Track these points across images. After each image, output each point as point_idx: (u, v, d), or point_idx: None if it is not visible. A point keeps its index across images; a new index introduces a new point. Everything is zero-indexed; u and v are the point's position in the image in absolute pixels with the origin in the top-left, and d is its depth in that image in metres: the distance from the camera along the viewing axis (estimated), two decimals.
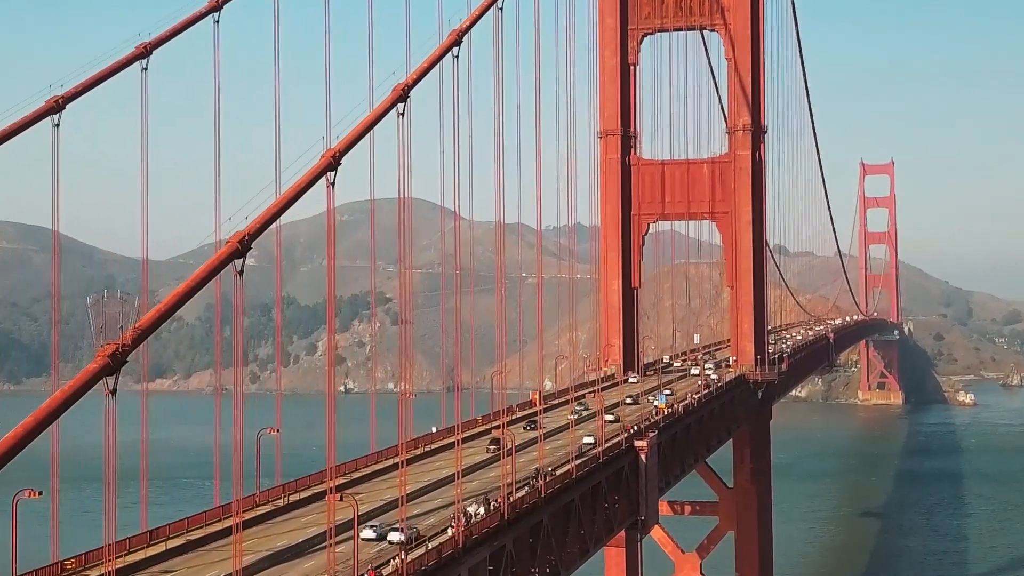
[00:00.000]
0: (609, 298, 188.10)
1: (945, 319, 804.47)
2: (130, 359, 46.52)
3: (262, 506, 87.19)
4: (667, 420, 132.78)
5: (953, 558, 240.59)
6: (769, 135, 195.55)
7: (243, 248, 50.95)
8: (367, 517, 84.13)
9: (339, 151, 58.82)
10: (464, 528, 72.67)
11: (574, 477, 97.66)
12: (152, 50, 71.82)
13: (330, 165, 57.98)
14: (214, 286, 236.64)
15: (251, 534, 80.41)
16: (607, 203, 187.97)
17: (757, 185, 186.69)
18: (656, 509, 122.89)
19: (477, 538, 75.92)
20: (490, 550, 78.24)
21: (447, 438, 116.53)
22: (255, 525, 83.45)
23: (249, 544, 76.85)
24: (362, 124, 61.52)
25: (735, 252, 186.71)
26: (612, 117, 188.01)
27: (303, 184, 56.26)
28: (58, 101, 66.61)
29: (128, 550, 73.61)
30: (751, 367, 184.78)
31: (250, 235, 51.40)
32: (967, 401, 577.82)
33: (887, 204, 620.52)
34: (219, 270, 50.12)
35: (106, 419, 47.44)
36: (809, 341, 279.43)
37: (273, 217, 53.22)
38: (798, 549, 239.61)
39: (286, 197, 54.79)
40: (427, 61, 69.71)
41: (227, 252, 50.24)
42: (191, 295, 48.15)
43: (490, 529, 78.08)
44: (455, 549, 72.27)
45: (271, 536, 79.44)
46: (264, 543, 77.24)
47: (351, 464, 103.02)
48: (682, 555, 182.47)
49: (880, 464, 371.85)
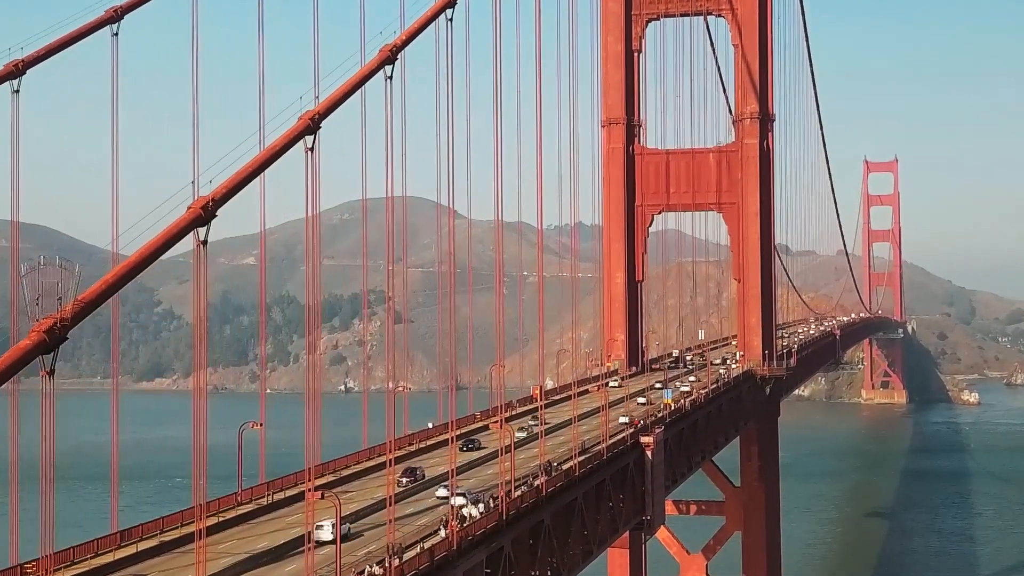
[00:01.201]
0: (612, 291, 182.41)
1: (949, 318, 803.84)
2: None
3: (244, 505, 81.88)
4: (674, 415, 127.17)
5: (961, 559, 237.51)
6: (774, 130, 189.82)
7: (206, 215, 45.45)
8: (355, 517, 79.27)
9: (319, 113, 53.41)
10: (459, 529, 67.25)
11: (577, 474, 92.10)
12: (123, 14, 66.33)
13: (308, 128, 52.63)
14: (215, 285, 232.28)
15: (231, 535, 75.39)
16: (610, 194, 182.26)
17: (765, 175, 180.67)
18: (663, 508, 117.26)
19: (473, 539, 70.37)
20: (487, 552, 72.65)
21: (443, 434, 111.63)
22: (236, 525, 78.29)
23: (227, 546, 71.88)
24: (345, 86, 56.18)
25: (742, 244, 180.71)
26: (616, 105, 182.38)
27: (277, 148, 50.84)
28: (18, 65, 61.10)
29: (96, 552, 68.36)
30: (759, 362, 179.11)
31: (215, 200, 45.89)
32: (972, 400, 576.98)
33: (891, 202, 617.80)
34: (179, 238, 44.48)
35: (43, 405, 42.06)
36: (816, 337, 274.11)
37: (242, 183, 47.75)
38: (805, 550, 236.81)
39: (257, 161, 49.31)
40: (418, 22, 64.30)
41: (189, 219, 44.66)
42: (143, 266, 42.49)
43: (487, 530, 72.49)
44: (448, 551, 66.75)
45: (252, 537, 74.20)
46: (243, 545, 72.05)
47: (341, 461, 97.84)
48: (687, 556, 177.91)
49: (885, 463, 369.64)
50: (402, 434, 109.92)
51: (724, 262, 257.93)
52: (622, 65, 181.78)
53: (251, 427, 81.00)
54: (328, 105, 54.20)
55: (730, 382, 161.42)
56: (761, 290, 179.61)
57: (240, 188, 47.41)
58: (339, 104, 54.94)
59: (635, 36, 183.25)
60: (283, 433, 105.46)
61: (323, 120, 53.52)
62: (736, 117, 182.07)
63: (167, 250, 43.36)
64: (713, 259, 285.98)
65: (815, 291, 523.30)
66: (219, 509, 79.57)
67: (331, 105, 54.42)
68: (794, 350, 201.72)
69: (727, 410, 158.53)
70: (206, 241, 45.39)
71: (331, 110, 54.42)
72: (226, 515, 78.93)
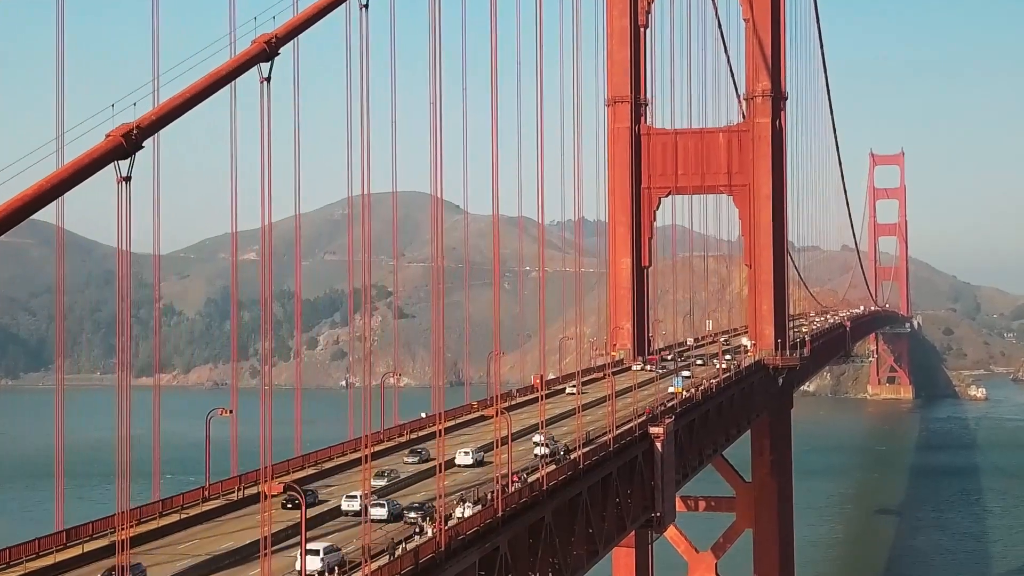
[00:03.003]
0: (618, 277, 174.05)
1: (954, 313, 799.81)
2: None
3: (212, 501, 73.89)
4: (685, 405, 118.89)
5: (970, 557, 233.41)
6: (786, 109, 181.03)
7: (129, 146, 37.20)
8: (337, 513, 71.67)
9: (276, 36, 45.31)
10: (447, 528, 59.08)
11: (581, 467, 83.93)
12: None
13: (264, 54, 44.63)
14: (216, 280, 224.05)
15: (193, 534, 67.54)
16: (615, 175, 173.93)
17: (777, 156, 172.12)
18: (673, 504, 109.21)
19: (464, 538, 62.13)
20: (480, 554, 64.38)
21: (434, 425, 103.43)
22: (203, 523, 70.44)
23: (189, 547, 64.17)
24: (310, 9, 47.94)
25: (753, 228, 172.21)
26: (621, 83, 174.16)
27: (223, 73, 42.74)
28: (270, 42, 47.10)
29: (38, 553, 60.48)
30: (771, 351, 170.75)
31: (140, 129, 37.71)
32: (979, 396, 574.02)
33: (897, 195, 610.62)
34: (94, 170, 36.09)
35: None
36: (826, 328, 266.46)
37: (178, 109, 39.62)
38: (815, 549, 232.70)
39: (197, 87, 41.09)
40: None
41: (106, 148, 36.36)
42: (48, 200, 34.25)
43: (480, 528, 64.19)
44: (436, 553, 58.60)
45: (216, 537, 66.22)
46: (207, 545, 64.09)
47: (323, 453, 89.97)
48: (696, 554, 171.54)
49: (893, 459, 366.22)
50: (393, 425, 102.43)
51: (728, 257, 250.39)
52: (628, 41, 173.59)
53: (220, 414, 73.12)
54: (288, 30, 46.09)
55: (742, 371, 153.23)
56: (773, 276, 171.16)
57: (175, 116, 39.45)
58: (300, 31, 46.81)
59: (641, 10, 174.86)
60: (276, 429, 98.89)
61: (281, 46, 45.43)
62: (747, 95, 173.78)
63: (79, 182, 35.24)
64: (718, 254, 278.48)
65: (820, 286, 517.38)
66: (183, 504, 71.66)
67: (291, 30, 46.29)
68: (808, 339, 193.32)
69: (739, 401, 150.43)
70: (129, 178, 37.31)
71: (291, 36, 46.29)
72: (190, 511, 71.05)
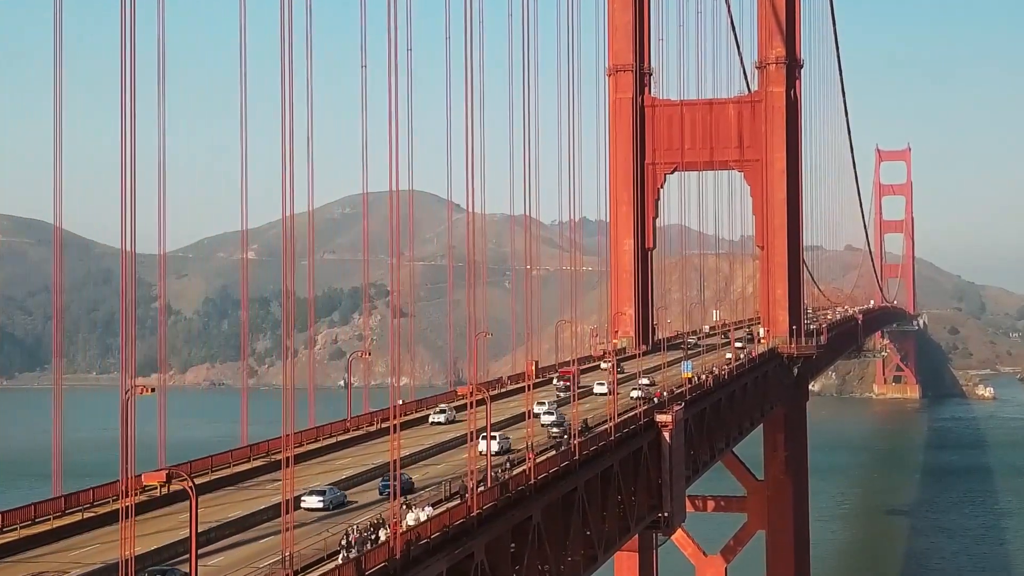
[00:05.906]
0: (620, 260, 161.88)
1: (960, 312, 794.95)
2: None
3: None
4: (694, 393, 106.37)
5: (981, 559, 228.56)
6: (801, 78, 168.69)
7: None
8: None
9: None
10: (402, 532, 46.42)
11: (576, 459, 71.40)
12: None
13: None
14: (214, 280, 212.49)
15: None
16: (617, 150, 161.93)
17: (792, 128, 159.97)
18: (683, 503, 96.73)
19: (428, 542, 49.47)
20: (450, 562, 51.61)
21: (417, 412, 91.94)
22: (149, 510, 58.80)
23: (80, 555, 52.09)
24: None
25: (766, 206, 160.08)
26: (623, 51, 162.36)
27: None
28: None
29: None
30: (785, 339, 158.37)
31: None
32: (986, 395, 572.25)
33: (903, 192, 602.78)
34: None
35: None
36: (839, 320, 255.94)
37: None
38: (829, 551, 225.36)
39: None
40: None
41: None
42: None
43: (448, 530, 51.49)
44: (388, 562, 45.96)
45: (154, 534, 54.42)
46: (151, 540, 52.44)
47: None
48: (704, 558, 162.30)
49: (901, 459, 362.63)
50: None
51: (730, 254, 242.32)
52: (630, 5, 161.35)
53: (140, 392, 61.11)
54: None
55: (755, 359, 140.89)
56: (788, 258, 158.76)
57: None
58: None
59: None
60: None
61: None
62: (760, 63, 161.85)
63: None
64: (721, 252, 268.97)
65: (824, 284, 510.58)
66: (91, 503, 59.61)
67: None
68: (824, 327, 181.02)
69: (752, 391, 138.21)
70: None
71: None
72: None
